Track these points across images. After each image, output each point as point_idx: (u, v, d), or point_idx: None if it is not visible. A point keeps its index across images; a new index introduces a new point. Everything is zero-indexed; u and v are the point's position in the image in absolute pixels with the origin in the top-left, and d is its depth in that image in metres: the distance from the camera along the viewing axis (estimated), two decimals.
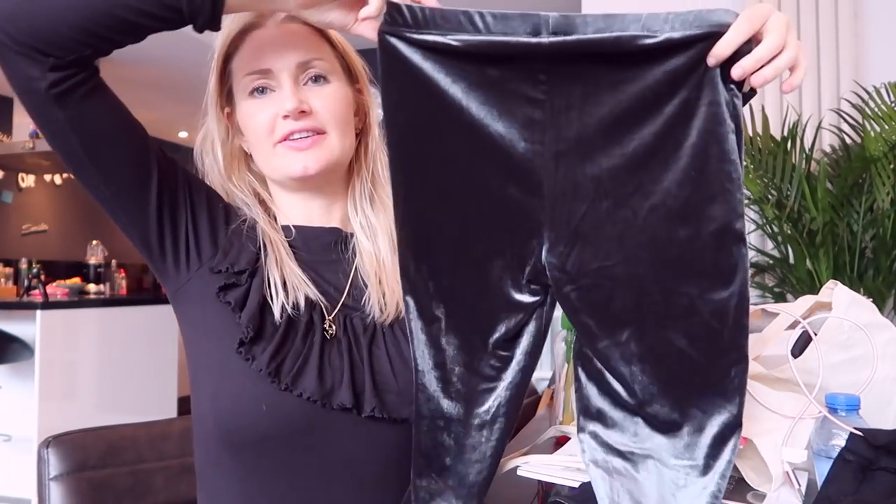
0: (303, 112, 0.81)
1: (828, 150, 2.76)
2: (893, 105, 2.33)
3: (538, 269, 0.67)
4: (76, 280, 3.89)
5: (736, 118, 0.61)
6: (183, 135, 6.81)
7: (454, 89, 0.64)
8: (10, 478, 3.05)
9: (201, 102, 0.88)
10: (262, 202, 0.89)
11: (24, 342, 2.90)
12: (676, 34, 0.59)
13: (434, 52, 0.64)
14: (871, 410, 0.65)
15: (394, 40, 0.65)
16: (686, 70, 0.61)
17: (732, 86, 0.61)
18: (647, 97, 0.62)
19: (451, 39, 0.63)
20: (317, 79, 0.84)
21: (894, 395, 0.76)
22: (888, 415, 0.75)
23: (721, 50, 0.59)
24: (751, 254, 2.80)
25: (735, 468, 0.66)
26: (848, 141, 2.58)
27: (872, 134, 2.41)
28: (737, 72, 0.60)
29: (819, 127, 2.78)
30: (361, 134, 0.92)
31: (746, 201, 2.72)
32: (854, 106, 2.47)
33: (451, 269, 0.69)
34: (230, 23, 0.84)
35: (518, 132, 0.64)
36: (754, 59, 0.60)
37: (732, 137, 0.61)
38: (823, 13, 2.88)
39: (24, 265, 4.31)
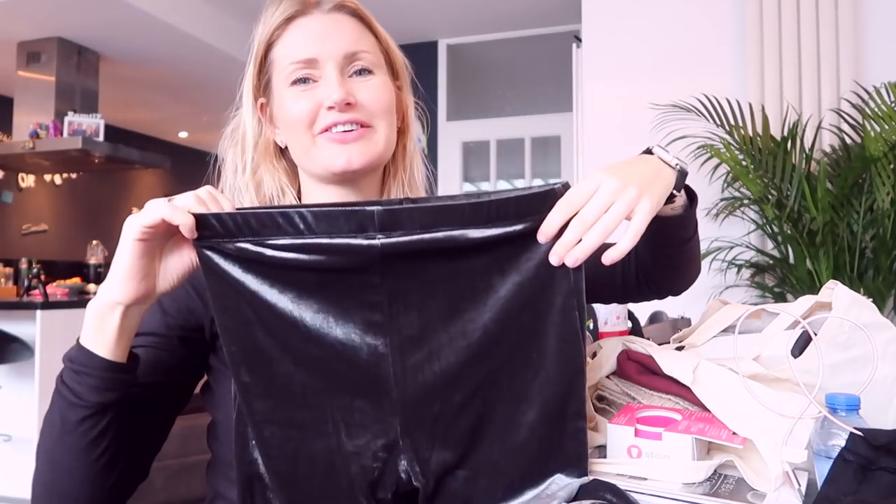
0: (348, 104, 0.78)
1: (828, 150, 2.76)
2: (893, 105, 2.33)
3: (398, 479, 0.63)
4: (76, 280, 3.90)
5: (576, 293, 0.60)
6: (183, 135, 6.81)
7: (283, 301, 0.60)
8: (10, 478, 3.05)
9: (201, 102, 0.88)
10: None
11: (24, 342, 2.90)
12: (498, 230, 0.58)
13: (253, 262, 0.59)
14: (871, 410, 0.65)
15: (210, 253, 0.60)
16: (515, 255, 0.59)
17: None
18: (482, 286, 0.60)
19: (269, 247, 0.58)
20: (361, 71, 0.81)
21: (894, 395, 0.76)
22: (888, 415, 0.75)
23: (546, 231, 0.59)
24: (751, 254, 2.81)
25: (735, 468, 0.66)
26: (848, 141, 2.58)
27: (872, 134, 2.41)
28: (553, 258, 0.59)
29: (819, 127, 2.78)
30: (399, 134, 0.87)
31: (746, 201, 2.72)
32: (854, 106, 2.47)
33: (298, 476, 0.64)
34: (274, 13, 0.81)
35: (359, 336, 0.60)
36: (562, 244, 0.59)
37: (574, 315, 0.60)
38: (823, 13, 2.88)
39: (24, 265, 4.32)
